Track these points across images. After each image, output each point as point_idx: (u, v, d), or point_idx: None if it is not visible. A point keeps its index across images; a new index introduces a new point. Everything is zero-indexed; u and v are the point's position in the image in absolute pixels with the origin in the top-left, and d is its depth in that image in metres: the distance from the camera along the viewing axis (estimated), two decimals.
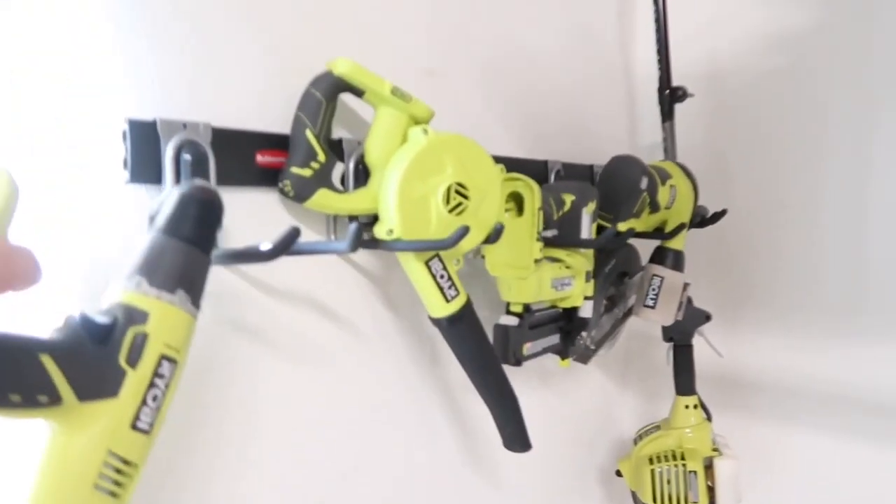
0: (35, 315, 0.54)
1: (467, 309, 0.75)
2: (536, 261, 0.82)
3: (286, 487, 0.76)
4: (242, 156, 0.66)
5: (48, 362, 0.39)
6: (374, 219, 0.70)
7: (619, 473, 1.30)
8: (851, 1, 1.21)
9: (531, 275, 0.82)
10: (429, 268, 0.71)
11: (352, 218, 0.74)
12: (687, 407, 1.24)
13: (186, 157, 0.59)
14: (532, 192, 0.81)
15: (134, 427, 0.43)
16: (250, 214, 0.68)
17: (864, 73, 1.20)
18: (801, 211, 1.30)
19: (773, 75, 1.30)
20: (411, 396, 0.91)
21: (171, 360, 0.46)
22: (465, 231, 0.66)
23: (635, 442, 1.29)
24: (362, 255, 0.82)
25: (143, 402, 0.44)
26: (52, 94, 0.54)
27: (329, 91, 0.67)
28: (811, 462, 1.33)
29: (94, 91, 0.56)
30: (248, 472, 0.71)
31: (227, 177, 0.64)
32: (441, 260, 0.72)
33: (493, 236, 0.73)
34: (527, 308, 0.86)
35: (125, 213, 0.58)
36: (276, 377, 0.73)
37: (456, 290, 0.73)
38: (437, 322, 0.74)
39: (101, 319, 0.43)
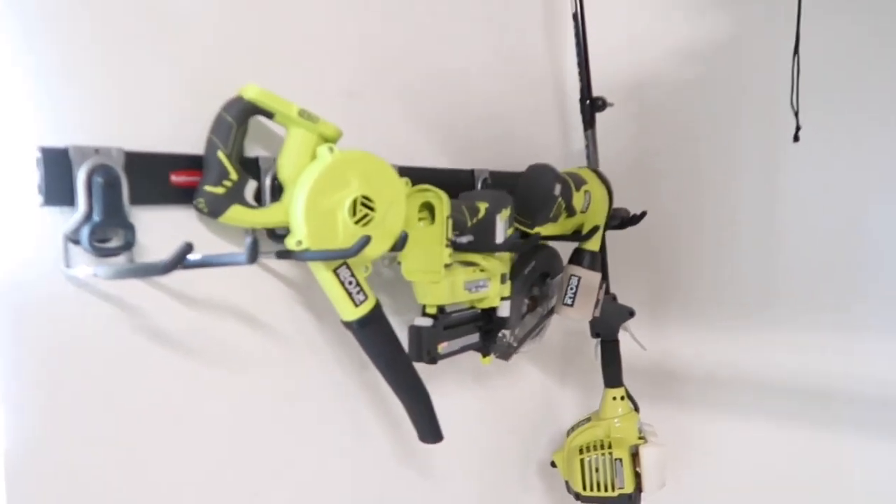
0: None
1: (376, 312, 0.81)
2: (447, 265, 0.88)
3: (213, 491, 0.81)
4: (157, 176, 0.71)
5: None
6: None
7: (553, 465, 1.37)
8: (758, 16, 1.29)
9: (443, 279, 0.89)
10: (337, 275, 0.77)
11: (269, 232, 0.80)
12: (614, 398, 1.31)
13: (99, 180, 0.64)
14: (441, 202, 0.87)
15: None
16: (169, 231, 0.73)
17: (768, 82, 1.28)
18: (717, 212, 1.39)
19: (690, 85, 1.39)
20: (341, 399, 0.97)
21: None
22: (366, 240, 0.72)
23: (568, 434, 1.36)
24: (284, 265, 0.87)
25: None
26: None
27: (239, 115, 0.73)
28: (735, 445, 1.41)
29: (7, 118, 0.61)
30: (170, 479, 0.76)
31: (142, 196, 0.69)
32: (349, 267, 0.78)
33: (399, 244, 0.79)
34: (441, 310, 0.92)
35: (41, 233, 0.63)
36: (197, 384, 0.78)
37: (364, 295, 0.79)
38: (348, 325, 0.80)
39: None
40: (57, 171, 0.63)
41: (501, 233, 0.99)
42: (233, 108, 0.73)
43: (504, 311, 1.02)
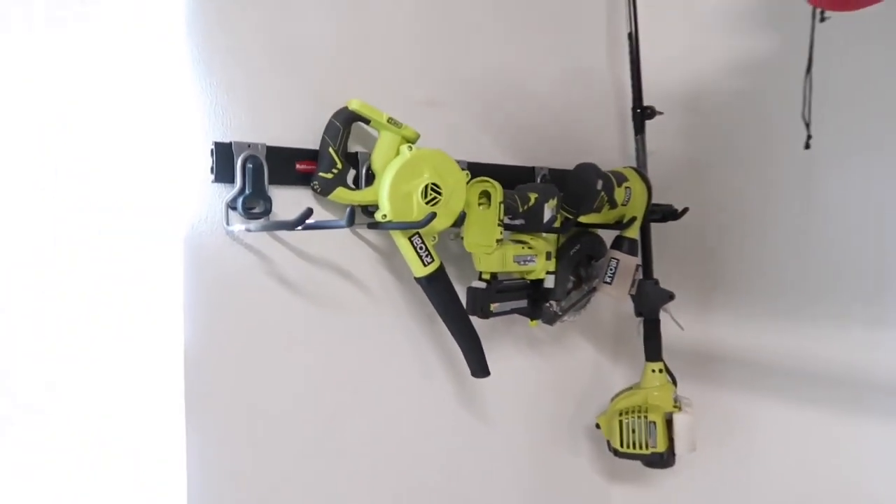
0: (144, 273, 0.90)
1: (440, 272, 1.06)
2: (499, 241, 1.12)
3: (303, 404, 1.08)
4: (287, 164, 0.99)
5: None
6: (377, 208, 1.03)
7: (598, 426, 1.57)
8: (800, 33, 1.43)
9: (495, 251, 1.12)
10: (411, 241, 1.03)
11: (363, 208, 1.07)
12: (653, 371, 1.50)
13: (249, 166, 0.93)
14: (495, 190, 1.11)
15: None
16: (294, 203, 1.02)
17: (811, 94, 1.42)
18: (761, 210, 1.54)
19: (734, 97, 1.55)
20: (413, 345, 1.23)
21: None
22: (432, 216, 0.97)
23: (612, 400, 1.55)
24: (373, 236, 1.14)
25: None
26: (174, 128, 0.90)
27: (345, 121, 1.00)
28: (768, 425, 1.55)
29: (192, 124, 0.90)
30: (285, 383, 1.05)
31: (277, 178, 0.98)
32: (420, 236, 1.03)
33: (459, 221, 1.04)
34: (494, 276, 1.16)
35: (212, 201, 0.92)
36: (305, 319, 1.06)
37: (431, 258, 1.04)
38: (419, 280, 1.06)
39: None
40: (223, 159, 0.92)
41: (548, 218, 1.21)
42: (340, 115, 1.00)
43: (549, 283, 1.25)
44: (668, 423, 1.46)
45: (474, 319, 1.15)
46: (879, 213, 1.38)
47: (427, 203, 1.02)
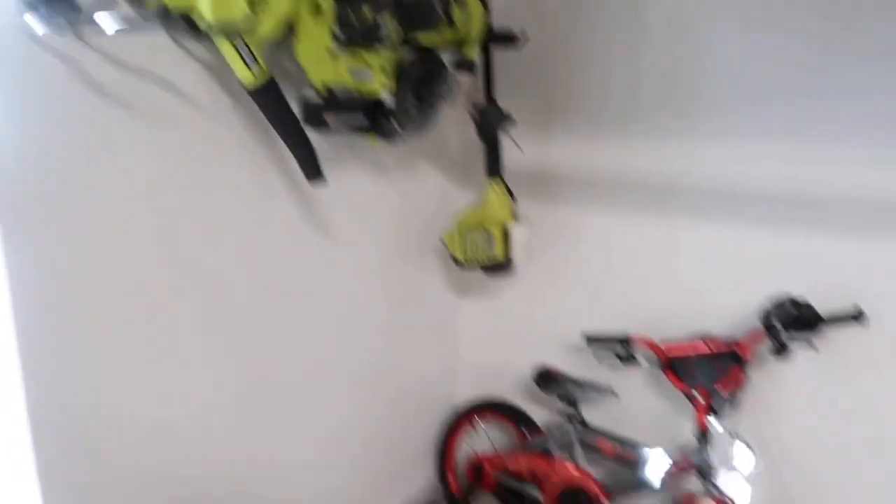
0: None
1: (271, 83, 1.06)
2: (330, 51, 1.13)
3: (134, 214, 1.09)
4: None
5: None
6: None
7: (443, 242, 1.69)
8: None
9: (328, 61, 1.14)
10: (236, 48, 1.01)
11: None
12: (493, 186, 1.62)
13: None
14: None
15: None
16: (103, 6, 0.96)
17: None
18: (593, 38, 1.63)
19: None
20: (251, 161, 1.25)
21: None
22: (249, 15, 0.96)
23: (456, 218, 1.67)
24: (203, 52, 1.11)
25: None
26: None
27: None
28: (597, 229, 1.73)
29: None
30: (98, 197, 1.05)
31: None
32: (245, 43, 1.02)
33: (287, 32, 1.04)
34: (329, 91, 1.18)
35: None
36: (124, 126, 1.04)
37: (260, 68, 1.04)
38: (250, 93, 1.06)
39: None
40: None
41: (383, 34, 1.22)
42: None
43: (389, 101, 1.28)
44: (507, 235, 1.61)
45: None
46: (695, 36, 1.51)
47: (251, 9, 1.00)
